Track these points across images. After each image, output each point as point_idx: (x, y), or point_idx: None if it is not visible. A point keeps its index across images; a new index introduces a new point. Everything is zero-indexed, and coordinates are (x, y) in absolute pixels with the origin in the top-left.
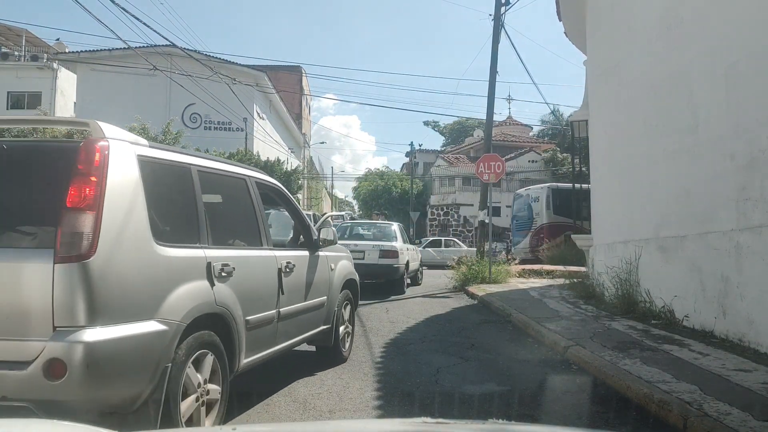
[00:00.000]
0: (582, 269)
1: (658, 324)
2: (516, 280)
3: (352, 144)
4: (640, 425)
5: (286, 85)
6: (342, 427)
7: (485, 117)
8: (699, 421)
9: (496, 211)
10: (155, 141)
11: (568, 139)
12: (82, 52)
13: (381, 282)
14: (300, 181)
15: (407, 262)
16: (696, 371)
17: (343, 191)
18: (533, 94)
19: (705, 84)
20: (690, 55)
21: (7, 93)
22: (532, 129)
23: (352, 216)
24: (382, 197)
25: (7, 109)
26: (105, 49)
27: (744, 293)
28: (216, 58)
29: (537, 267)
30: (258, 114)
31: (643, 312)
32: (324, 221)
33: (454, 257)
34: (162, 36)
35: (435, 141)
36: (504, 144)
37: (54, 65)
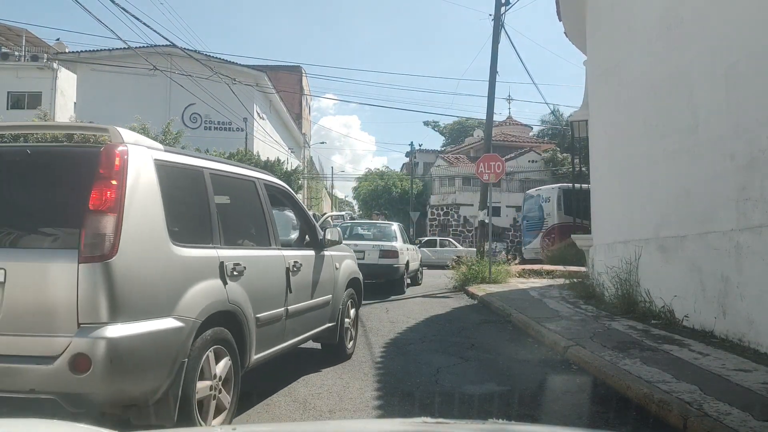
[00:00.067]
0: (582, 269)
1: (658, 324)
2: (516, 280)
3: (352, 144)
4: (640, 425)
5: (286, 85)
6: (342, 427)
7: (485, 117)
8: (699, 421)
9: (496, 211)
10: (155, 141)
11: (568, 139)
12: (82, 52)
13: (381, 282)
14: (300, 181)
15: (407, 262)
16: (696, 371)
17: (343, 191)
18: (533, 94)
19: (705, 84)
20: (690, 55)
21: (7, 93)
22: (532, 129)
23: (352, 216)
24: (382, 197)
25: (7, 110)
26: (105, 49)
27: (744, 293)
28: (216, 58)
29: (537, 267)
30: (258, 114)
31: (643, 312)
32: (324, 221)
33: (453, 257)
34: (162, 36)
35: (435, 141)
36: (504, 144)
37: (54, 65)
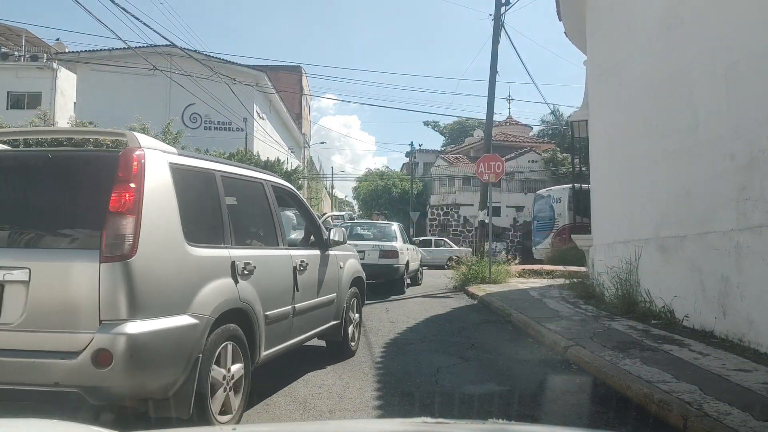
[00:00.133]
0: (582, 269)
1: (658, 324)
2: (516, 280)
3: (352, 144)
4: (640, 425)
5: (286, 85)
6: (342, 427)
7: (485, 117)
8: (699, 421)
9: (496, 211)
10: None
11: (568, 139)
12: (82, 52)
13: (381, 282)
14: (300, 181)
15: (407, 262)
16: (696, 371)
17: (343, 191)
18: (533, 94)
19: (705, 84)
20: (690, 55)
21: (7, 93)
22: (532, 129)
23: (351, 216)
24: (382, 197)
25: (7, 110)
26: (105, 49)
27: (744, 293)
28: (216, 58)
29: (537, 267)
30: (258, 114)
31: (643, 312)
32: (323, 221)
33: (448, 256)
34: (162, 36)
35: (435, 141)
36: (504, 144)
37: (54, 65)
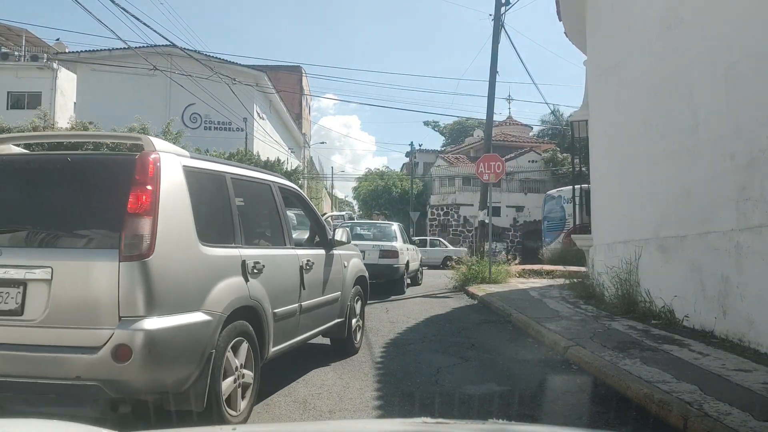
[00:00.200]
0: (582, 269)
1: (658, 324)
2: (516, 280)
3: (352, 144)
4: (640, 425)
5: (286, 85)
6: (342, 427)
7: (485, 117)
8: (699, 421)
9: (496, 211)
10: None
11: (568, 139)
12: (82, 52)
13: (381, 282)
14: (300, 181)
15: (407, 262)
16: (696, 371)
17: (343, 191)
18: (533, 94)
19: (705, 84)
20: (690, 55)
21: (7, 93)
22: (532, 129)
23: (351, 216)
24: (382, 197)
25: (7, 110)
26: (105, 49)
27: (744, 293)
28: (216, 58)
29: (537, 267)
30: (258, 114)
31: (643, 312)
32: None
33: (450, 257)
34: (162, 36)
35: (435, 141)
36: (504, 144)
37: (54, 65)
